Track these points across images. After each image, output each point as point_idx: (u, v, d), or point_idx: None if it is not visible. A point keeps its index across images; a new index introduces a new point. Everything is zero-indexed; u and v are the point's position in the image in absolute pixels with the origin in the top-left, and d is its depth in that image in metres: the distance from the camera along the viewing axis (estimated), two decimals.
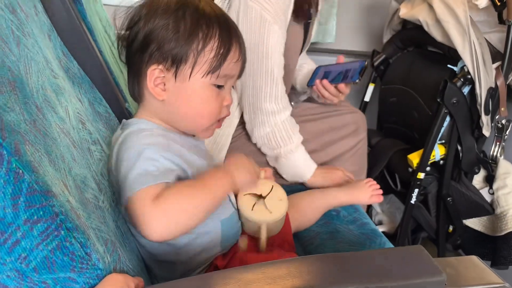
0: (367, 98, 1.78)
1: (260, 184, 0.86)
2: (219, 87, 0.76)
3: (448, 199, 1.42)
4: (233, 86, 0.80)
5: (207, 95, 0.75)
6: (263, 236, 0.83)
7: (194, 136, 0.83)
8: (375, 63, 1.72)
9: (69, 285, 0.48)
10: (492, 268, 1.36)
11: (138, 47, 0.73)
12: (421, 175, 1.39)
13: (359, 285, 0.53)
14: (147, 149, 0.69)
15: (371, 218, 1.50)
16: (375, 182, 1.10)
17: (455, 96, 1.30)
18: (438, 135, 1.36)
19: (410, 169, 1.43)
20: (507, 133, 1.40)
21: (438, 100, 1.33)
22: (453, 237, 1.50)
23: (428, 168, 1.40)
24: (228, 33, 0.74)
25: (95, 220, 0.55)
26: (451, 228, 1.51)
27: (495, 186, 1.38)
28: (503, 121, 1.38)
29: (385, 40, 1.73)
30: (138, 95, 0.78)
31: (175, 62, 0.71)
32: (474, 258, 0.67)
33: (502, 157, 1.42)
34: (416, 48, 1.66)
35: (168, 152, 0.71)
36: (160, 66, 0.72)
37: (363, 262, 0.58)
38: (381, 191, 1.08)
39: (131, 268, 0.61)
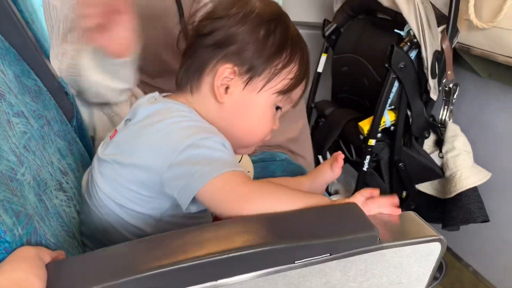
0: (319, 69, 1.77)
1: None
2: (277, 109, 0.74)
3: (400, 164, 1.44)
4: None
5: (267, 113, 0.73)
6: None
7: None
8: (327, 33, 1.70)
9: None
10: (443, 229, 1.39)
11: (215, 42, 0.69)
12: (372, 142, 1.40)
13: (288, 243, 0.52)
14: (224, 141, 0.65)
15: (327, 188, 1.50)
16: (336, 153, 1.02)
17: (402, 60, 1.30)
18: (387, 101, 1.36)
19: (361, 137, 1.43)
20: (454, 96, 1.42)
21: (386, 65, 1.33)
22: (406, 203, 1.53)
23: (379, 135, 1.41)
24: (306, 61, 0.74)
25: (5, 191, 0.51)
26: (404, 194, 1.53)
27: (444, 149, 1.40)
28: (451, 85, 1.39)
29: (335, 9, 1.71)
30: (192, 86, 0.72)
31: (251, 71, 0.69)
32: (411, 214, 0.67)
33: (451, 120, 1.44)
34: (367, 16, 1.65)
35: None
36: (235, 68, 0.69)
37: (295, 221, 0.56)
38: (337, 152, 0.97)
39: (53, 243, 0.58)
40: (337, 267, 0.55)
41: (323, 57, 1.76)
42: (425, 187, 1.50)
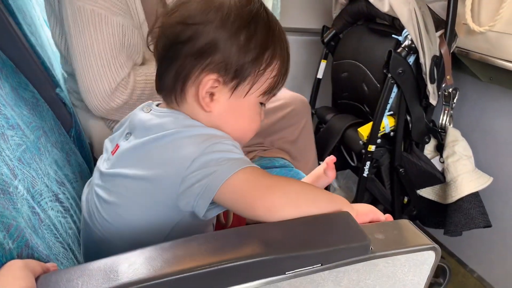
0: (319, 75, 1.77)
1: None
2: (261, 104, 0.73)
3: (401, 170, 1.43)
4: None
5: (255, 112, 0.72)
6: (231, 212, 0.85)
7: None
8: (326, 39, 1.71)
9: None
10: (446, 235, 1.38)
11: (196, 51, 0.66)
12: (372, 148, 1.39)
13: (278, 254, 0.51)
14: (233, 142, 0.66)
15: None
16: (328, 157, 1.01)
17: (400, 66, 1.30)
18: (386, 106, 1.36)
19: (361, 142, 1.43)
20: (454, 101, 1.41)
21: (384, 71, 1.33)
22: (408, 208, 1.52)
23: (379, 141, 1.40)
24: (287, 52, 0.72)
25: None
26: (406, 199, 1.52)
27: (444, 154, 1.40)
28: (450, 89, 1.39)
29: (334, 15, 1.71)
30: (176, 96, 0.70)
31: (236, 78, 0.67)
32: (406, 222, 0.66)
33: (451, 125, 1.43)
34: (365, 22, 1.65)
35: None
36: (220, 78, 0.67)
37: (286, 231, 0.56)
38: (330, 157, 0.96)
39: (46, 254, 0.58)
40: (329, 277, 0.55)
41: (323, 64, 1.76)
42: (427, 193, 1.49)
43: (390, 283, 0.60)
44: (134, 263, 0.50)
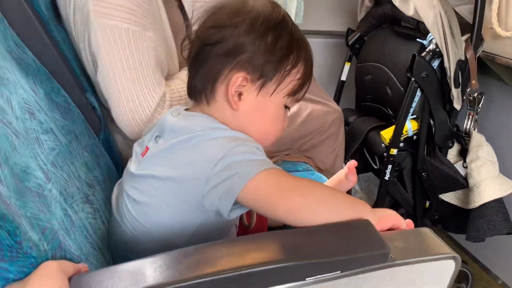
0: (343, 77, 1.78)
1: None
2: (286, 108, 0.76)
3: (423, 174, 1.42)
4: None
5: (280, 114, 0.75)
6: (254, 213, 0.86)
7: None
8: (350, 42, 1.71)
9: (2, 274, 0.48)
10: (467, 241, 1.37)
11: (226, 51, 0.70)
12: (394, 151, 1.39)
13: (299, 261, 0.53)
14: (256, 144, 0.69)
15: None
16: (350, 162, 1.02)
17: (424, 70, 1.29)
18: (409, 110, 1.36)
19: (383, 145, 1.43)
20: (479, 106, 1.39)
21: (408, 74, 1.33)
22: (430, 212, 1.51)
23: (401, 144, 1.40)
24: (310, 58, 0.75)
25: (33, 208, 0.55)
26: (428, 204, 1.51)
27: (468, 159, 1.38)
28: (475, 94, 1.37)
29: (359, 18, 1.72)
30: (207, 96, 0.73)
31: (263, 77, 0.70)
32: (426, 230, 0.67)
33: (475, 130, 1.42)
34: (391, 25, 1.65)
35: None
36: (248, 76, 0.70)
37: (307, 238, 0.57)
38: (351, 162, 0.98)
39: (77, 255, 0.61)
40: (348, 284, 0.56)
41: (347, 66, 1.76)
42: (449, 197, 1.48)
43: None
44: (160, 266, 0.52)
